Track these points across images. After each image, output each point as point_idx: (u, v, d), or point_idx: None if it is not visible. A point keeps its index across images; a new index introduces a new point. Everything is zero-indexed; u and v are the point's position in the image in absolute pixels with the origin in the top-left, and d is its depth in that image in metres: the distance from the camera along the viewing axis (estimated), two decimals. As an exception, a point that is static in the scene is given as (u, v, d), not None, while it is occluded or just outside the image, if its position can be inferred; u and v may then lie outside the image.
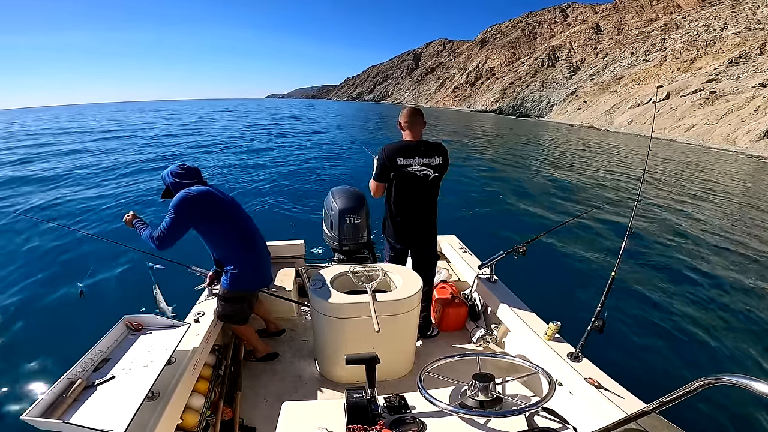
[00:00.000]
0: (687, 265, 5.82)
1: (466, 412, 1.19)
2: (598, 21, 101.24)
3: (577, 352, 1.78)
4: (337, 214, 2.96)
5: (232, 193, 3.17)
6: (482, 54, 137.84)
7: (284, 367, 2.34)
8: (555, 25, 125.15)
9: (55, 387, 1.30)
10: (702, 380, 0.72)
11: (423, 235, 2.43)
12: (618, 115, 52.80)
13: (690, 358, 3.65)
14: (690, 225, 8.06)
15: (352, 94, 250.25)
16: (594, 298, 1.74)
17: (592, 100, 66.52)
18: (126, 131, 23.92)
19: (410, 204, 2.30)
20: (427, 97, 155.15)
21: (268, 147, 16.88)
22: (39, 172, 10.58)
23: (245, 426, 1.90)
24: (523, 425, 1.18)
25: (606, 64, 78.98)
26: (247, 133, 23.16)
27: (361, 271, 2.20)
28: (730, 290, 5.09)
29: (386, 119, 42.51)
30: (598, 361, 1.76)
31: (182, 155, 14.56)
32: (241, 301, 2.17)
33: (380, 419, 1.17)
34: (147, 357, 1.55)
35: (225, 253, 2.06)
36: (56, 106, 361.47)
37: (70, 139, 19.61)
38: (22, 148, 16.32)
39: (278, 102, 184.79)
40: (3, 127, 30.51)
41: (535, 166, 15.22)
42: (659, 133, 42.13)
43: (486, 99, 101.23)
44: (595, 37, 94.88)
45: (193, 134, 22.23)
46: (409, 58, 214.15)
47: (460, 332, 2.72)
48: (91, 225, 6.42)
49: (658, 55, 67.69)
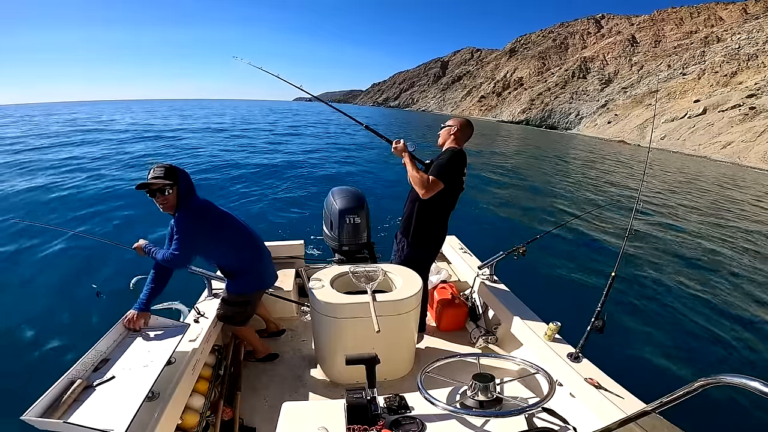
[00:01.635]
0: (687, 265, 5.82)
1: (466, 413, 1.19)
2: (634, 33, 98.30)
3: (577, 353, 1.78)
4: (337, 215, 2.96)
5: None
6: (511, 63, 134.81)
7: (284, 368, 2.34)
8: (588, 36, 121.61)
9: (55, 387, 1.30)
10: (702, 380, 0.72)
11: (442, 243, 2.41)
12: (651, 129, 50.42)
13: (690, 358, 3.65)
14: (690, 226, 8.06)
15: (377, 100, 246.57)
16: (594, 298, 1.74)
17: (624, 113, 64.78)
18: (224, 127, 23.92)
19: (447, 211, 2.28)
20: (453, 105, 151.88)
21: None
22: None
23: (245, 426, 1.90)
24: (523, 425, 1.18)
25: (641, 77, 76.54)
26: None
27: (361, 271, 2.20)
28: (730, 290, 5.09)
29: (418, 128, 40.35)
30: (598, 361, 1.76)
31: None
32: (246, 304, 2.18)
33: (380, 419, 1.17)
34: (147, 357, 1.55)
35: (230, 261, 2.07)
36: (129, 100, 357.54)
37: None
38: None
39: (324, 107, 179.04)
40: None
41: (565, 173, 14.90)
42: (693, 150, 40.27)
43: (513, 109, 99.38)
44: (631, 49, 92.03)
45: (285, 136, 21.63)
46: (436, 66, 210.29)
47: (460, 332, 2.72)
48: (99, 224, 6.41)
49: (697, 68, 65.30)
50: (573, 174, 15.87)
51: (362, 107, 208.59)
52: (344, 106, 51.23)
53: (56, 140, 17.38)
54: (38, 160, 11.88)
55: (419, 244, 2.29)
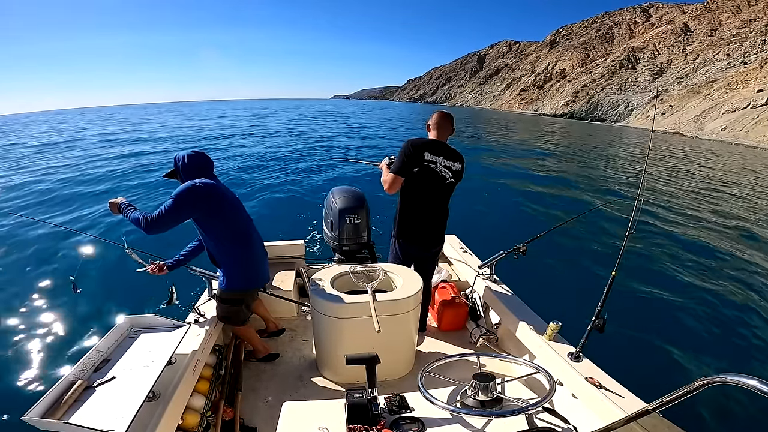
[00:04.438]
0: (687, 265, 5.82)
1: (467, 412, 1.19)
2: (687, 21, 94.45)
3: (578, 352, 1.78)
4: (337, 214, 2.96)
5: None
6: (552, 55, 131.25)
7: (285, 368, 2.34)
8: (635, 26, 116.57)
9: (55, 387, 1.30)
10: (702, 380, 0.72)
11: (435, 239, 2.36)
12: (710, 121, 48.54)
13: (691, 357, 3.65)
14: (691, 225, 8.05)
15: (414, 96, 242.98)
16: (594, 297, 1.74)
17: (680, 104, 61.59)
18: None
19: (427, 204, 2.24)
20: (491, 99, 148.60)
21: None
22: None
23: (246, 426, 1.90)
24: (523, 425, 1.18)
25: (697, 67, 72.86)
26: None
27: (362, 271, 2.20)
28: (731, 290, 5.08)
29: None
30: (599, 360, 1.76)
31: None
32: (238, 302, 2.16)
33: (380, 419, 1.17)
34: (147, 357, 1.55)
35: (220, 249, 2.04)
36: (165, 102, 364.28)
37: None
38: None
39: (369, 103, 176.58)
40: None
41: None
42: (757, 141, 37.77)
43: (555, 102, 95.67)
44: (684, 38, 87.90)
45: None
46: (473, 60, 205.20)
47: (460, 332, 2.72)
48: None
49: (759, 57, 61.45)
50: (621, 166, 15.32)
51: (398, 103, 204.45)
52: (380, 103, 48.44)
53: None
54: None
55: (400, 237, 2.33)
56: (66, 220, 6.66)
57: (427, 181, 2.17)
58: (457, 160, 2.20)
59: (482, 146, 19.81)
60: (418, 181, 2.17)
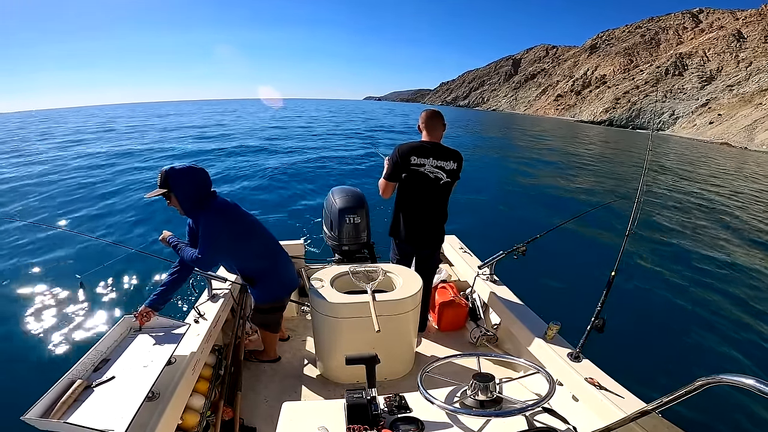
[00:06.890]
0: (687, 265, 5.82)
1: (467, 412, 1.19)
2: (740, 27, 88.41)
3: (577, 352, 1.78)
4: (337, 214, 2.96)
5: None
6: (591, 61, 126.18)
7: (284, 367, 2.34)
8: (684, 31, 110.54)
9: (55, 387, 1.30)
10: (702, 380, 0.72)
11: (429, 238, 2.37)
12: (761, 131, 44.17)
13: (690, 357, 3.65)
14: (691, 224, 8.05)
15: (446, 99, 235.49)
16: (594, 297, 1.74)
17: (729, 113, 56.87)
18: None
19: (419, 205, 2.26)
20: (526, 104, 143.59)
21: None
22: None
23: (245, 426, 1.90)
24: (523, 425, 1.18)
25: (749, 74, 67.51)
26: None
27: (361, 271, 2.20)
28: (731, 290, 5.08)
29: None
30: (599, 361, 1.76)
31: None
32: (279, 309, 2.21)
33: (380, 419, 1.17)
34: (147, 357, 1.55)
35: (252, 267, 2.06)
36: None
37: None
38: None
39: (401, 106, 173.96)
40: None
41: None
42: None
43: (594, 109, 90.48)
44: (736, 44, 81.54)
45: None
46: (508, 64, 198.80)
47: (460, 332, 2.71)
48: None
49: None
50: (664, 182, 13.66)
51: (431, 106, 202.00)
52: (411, 105, 47.49)
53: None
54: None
55: (395, 236, 2.38)
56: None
57: (417, 185, 2.20)
58: (450, 159, 2.20)
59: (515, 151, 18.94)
60: (409, 185, 2.21)
